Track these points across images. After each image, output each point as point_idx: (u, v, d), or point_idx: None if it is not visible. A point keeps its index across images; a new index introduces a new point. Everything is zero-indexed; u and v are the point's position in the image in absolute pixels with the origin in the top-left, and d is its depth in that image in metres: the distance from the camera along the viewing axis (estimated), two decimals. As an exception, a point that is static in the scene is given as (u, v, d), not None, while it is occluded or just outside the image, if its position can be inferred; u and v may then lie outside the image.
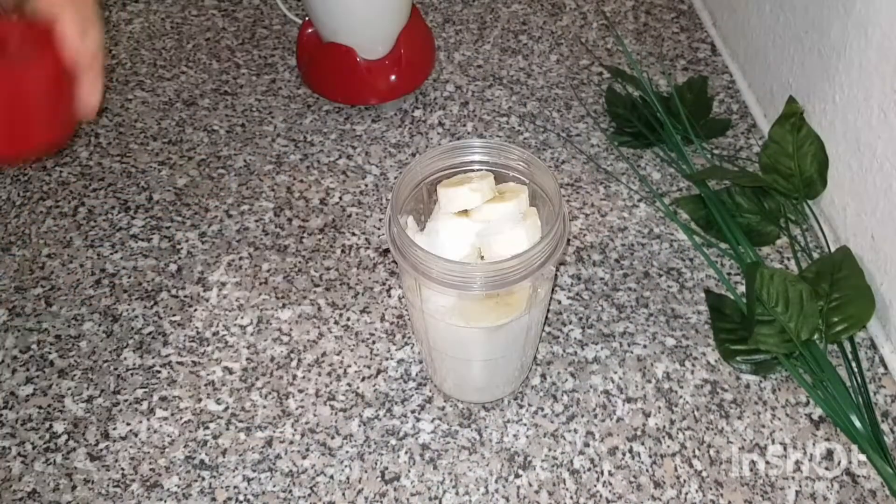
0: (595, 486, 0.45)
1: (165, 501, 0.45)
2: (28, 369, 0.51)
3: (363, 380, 0.50)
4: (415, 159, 0.48)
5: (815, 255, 0.56)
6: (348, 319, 0.53)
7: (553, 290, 0.54)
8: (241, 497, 0.45)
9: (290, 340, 0.52)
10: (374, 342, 0.52)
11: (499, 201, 0.41)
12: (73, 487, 0.45)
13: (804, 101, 0.58)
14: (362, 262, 0.56)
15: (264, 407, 0.49)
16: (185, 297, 0.55)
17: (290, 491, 0.45)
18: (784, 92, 0.61)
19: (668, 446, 0.47)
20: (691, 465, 0.46)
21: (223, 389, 0.49)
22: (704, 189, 0.58)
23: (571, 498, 0.45)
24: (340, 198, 0.61)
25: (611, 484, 0.45)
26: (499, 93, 0.69)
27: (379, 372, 0.50)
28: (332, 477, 0.46)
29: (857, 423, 0.46)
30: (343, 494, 0.45)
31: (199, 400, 0.49)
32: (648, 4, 0.77)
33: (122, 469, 0.46)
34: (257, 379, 0.50)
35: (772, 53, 0.64)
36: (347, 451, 0.47)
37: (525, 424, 0.48)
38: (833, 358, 0.50)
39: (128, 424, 0.48)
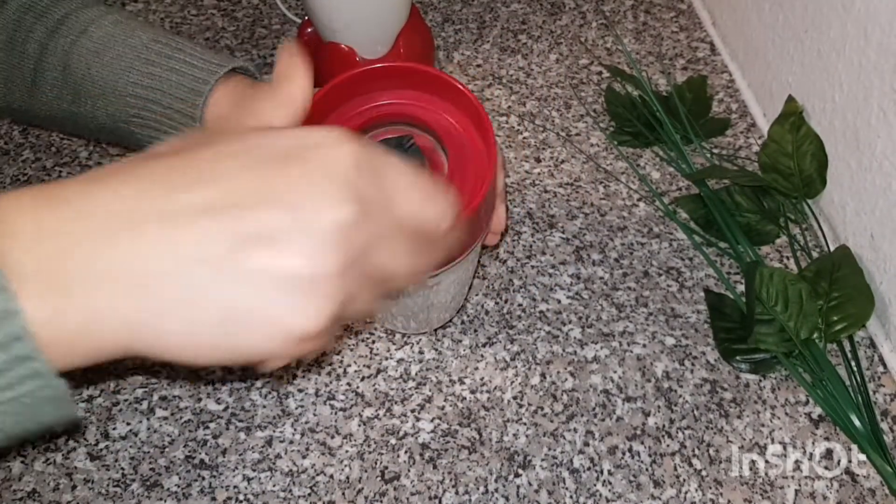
0: (595, 485, 0.45)
1: (165, 501, 0.45)
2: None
3: (363, 379, 0.50)
4: None
5: (815, 255, 0.56)
6: (348, 319, 0.53)
7: (554, 290, 0.54)
8: (240, 496, 0.45)
9: (290, 340, 0.52)
10: (373, 342, 0.52)
11: None
12: (73, 487, 0.45)
13: (803, 100, 0.58)
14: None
15: (264, 406, 0.49)
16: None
17: (290, 490, 0.45)
18: (783, 91, 0.61)
19: (668, 445, 0.47)
20: (691, 465, 0.46)
21: (223, 389, 0.50)
22: (704, 188, 0.58)
23: (571, 497, 0.45)
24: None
25: (610, 483, 0.45)
26: (498, 92, 0.69)
27: (378, 371, 0.50)
28: (331, 476, 0.46)
29: (857, 422, 0.47)
30: (343, 494, 0.45)
31: (199, 399, 0.49)
32: (647, 4, 0.77)
33: (123, 469, 0.46)
34: (257, 378, 0.50)
35: (771, 52, 0.64)
36: (347, 451, 0.47)
37: (525, 424, 0.48)
38: (832, 357, 0.50)
39: (128, 424, 0.48)
